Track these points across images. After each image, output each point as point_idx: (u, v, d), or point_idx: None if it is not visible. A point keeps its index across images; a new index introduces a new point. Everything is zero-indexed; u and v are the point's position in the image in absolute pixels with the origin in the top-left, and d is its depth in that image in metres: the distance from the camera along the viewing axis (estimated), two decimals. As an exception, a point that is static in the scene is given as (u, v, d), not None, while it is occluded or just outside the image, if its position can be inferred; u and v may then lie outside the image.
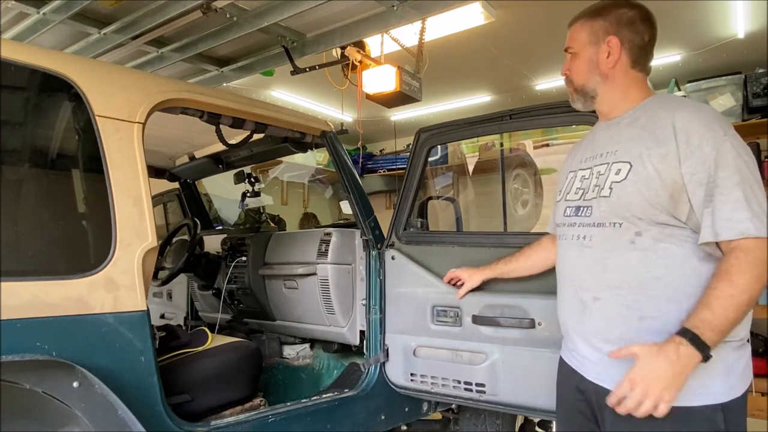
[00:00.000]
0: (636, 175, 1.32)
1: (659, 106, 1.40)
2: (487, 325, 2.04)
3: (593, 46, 1.48)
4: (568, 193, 1.53)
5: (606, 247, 1.38)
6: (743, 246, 1.21)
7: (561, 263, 1.56)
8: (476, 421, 2.56)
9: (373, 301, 2.34)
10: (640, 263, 1.32)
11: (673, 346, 1.20)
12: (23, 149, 1.60)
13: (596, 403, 1.42)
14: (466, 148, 5.51)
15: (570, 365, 1.53)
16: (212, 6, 2.67)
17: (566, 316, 1.53)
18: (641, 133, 1.37)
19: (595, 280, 1.40)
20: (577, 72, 1.52)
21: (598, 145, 1.50)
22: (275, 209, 4.64)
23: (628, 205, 1.33)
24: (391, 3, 2.69)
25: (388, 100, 3.38)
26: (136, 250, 1.62)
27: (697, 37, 3.92)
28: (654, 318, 1.31)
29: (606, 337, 1.38)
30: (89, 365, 1.45)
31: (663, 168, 1.29)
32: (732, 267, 1.21)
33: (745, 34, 3.82)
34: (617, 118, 1.48)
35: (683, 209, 1.29)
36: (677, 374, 1.19)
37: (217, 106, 2.05)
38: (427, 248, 2.27)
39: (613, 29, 1.46)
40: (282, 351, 2.88)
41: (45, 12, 2.65)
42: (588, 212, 1.43)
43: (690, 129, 1.28)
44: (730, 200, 1.22)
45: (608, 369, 1.36)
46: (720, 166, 1.24)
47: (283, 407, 2.04)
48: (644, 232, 1.32)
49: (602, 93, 1.49)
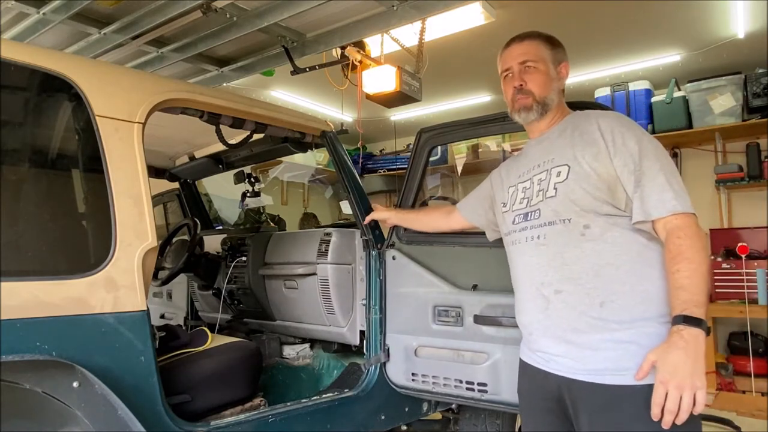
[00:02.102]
0: (575, 174, 1.48)
1: (581, 119, 1.59)
2: (489, 325, 2.05)
3: (552, 64, 1.65)
4: (514, 204, 1.66)
5: (560, 242, 1.49)
6: (677, 223, 1.36)
7: (518, 266, 1.63)
8: (476, 421, 2.56)
9: (373, 301, 2.34)
10: (593, 252, 1.44)
11: (676, 336, 1.28)
12: (23, 149, 1.60)
13: (568, 397, 1.46)
14: (455, 149, 5.56)
15: (533, 365, 1.57)
16: (212, 6, 2.67)
17: (529, 317, 1.58)
18: (571, 140, 1.54)
19: (555, 274, 1.49)
20: (537, 84, 1.63)
21: (531, 158, 1.66)
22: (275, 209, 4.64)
23: (574, 201, 1.47)
24: (391, 3, 2.69)
25: (388, 100, 3.38)
26: (136, 250, 1.62)
27: (697, 37, 3.92)
28: (612, 301, 1.41)
29: (573, 326, 1.45)
30: (89, 365, 1.45)
31: (597, 165, 1.46)
32: (681, 247, 1.34)
33: (745, 34, 3.83)
34: (547, 133, 1.66)
35: (621, 197, 1.44)
36: (695, 357, 1.26)
37: (217, 106, 2.05)
38: (428, 248, 2.27)
39: (563, 57, 1.68)
40: (282, 351, 2.88)
41: (45, 12, 2.65)
42: (536, 215, 1.55)
43: (614, 130, 1.48)
44: (656, 184, 1.40)
45: (575, 359, 1.44)
46: (643, 157, 1.43)
47: (283, 407, 2.04)
48: (592, 224, 1.45)
49: (553, 108, 1.65)
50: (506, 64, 1.68)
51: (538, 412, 1.58)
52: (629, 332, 1.38)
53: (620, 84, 4.66)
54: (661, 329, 1.36)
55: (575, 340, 1.44)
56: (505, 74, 1.69)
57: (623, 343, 1.38)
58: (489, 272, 2.10)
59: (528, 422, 1.64)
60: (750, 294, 4.02)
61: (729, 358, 4.28)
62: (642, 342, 1.36)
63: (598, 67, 4.51)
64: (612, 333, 1.40)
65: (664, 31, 3.85)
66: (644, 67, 4.45)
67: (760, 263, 4.04)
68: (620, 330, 1.39)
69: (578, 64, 4.45)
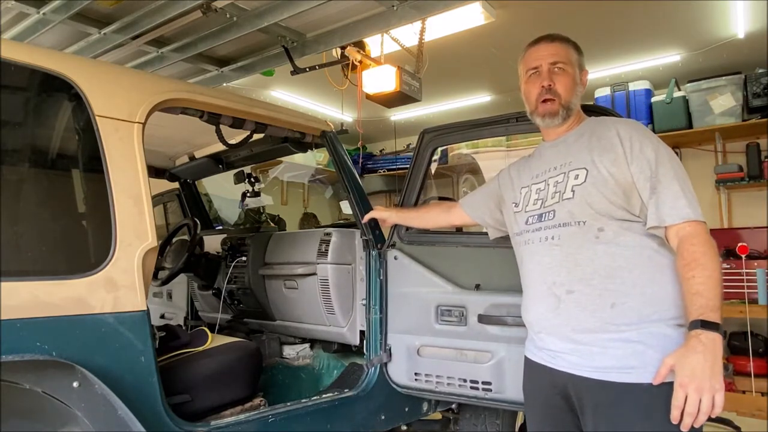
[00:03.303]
0: (593, 178, 1.50)
1: (598, 125, 1.60)
2: (493, 324, 2.05)
3: (578, 68, 1.65)
4: (527, 205, 1.66)
5: (574, 243, 1.50)
6: (690, 231, 1.39)
7: (530, 264, 1.63)
8: (476, 421, 2.56)
9: (373, 301, 2.34)
10: (606, 255, 1.46)
11: (694, 340, 1.29)
12: (23, 149, 1.59)
13: (573, 393, 1.49)
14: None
15: (539, 363, 1.59)
16: (212, 6, 2.67)
17: (537, 315, 1.60)
18: (589, 144, 1.55)
19: (568, 274, 1.50)
20: (565, 87, 1.62)
21: (547, 161, 1.66)
22: (275, 209, 4.64)
23: (591, 204, 1.48)
24: (391, 3, 2.69)
25: (388, 100, 3.38)
26: (136, 250, 1.62)
27: (697, 37, 3.92)
28: (623, 303, 1.43)
29: (584, 326, 1.47)
30: (89, 365, 1.45)
31: (615, 170, 1.47)
32: (695, 254, 1.36)
33: (745, 34, 3.82)
34: (563, 137, 1.66)
35: (636, 203, 1.46)
36: (713, 361, 1.27)
37: (217, 106, 2.05)
38: (429, 248, 2.27)
39: (584, 64, 1.69)
40: (282, 351, 2.88)
41: (45, 12, 2.65)
42: (551, 216, 1.56)
43: (632, 137, 1.50)
44: (670, 191, 1.42)
45: (582, 357, 1.46)
46: (659, 165, 1.45)
47: (283, 407, 2.04)
48: (606, 227, 1.47)
49: (574, 113, 1.65)
50: (534, 63, 1.65)
51: (544, 408, 1.59)
52: (636, 332, 1.40)
53: (620, 84, 4.66)
54: (667, 331, 1.39)
55: (582, 339, 1.46)
56: (531, 72, 1.66)
57: (630, 343, 1.40)
58: (491, 272, 2.11)
59: (533, 419, 1.65)
60: (750, 294, 4.02)
61: (729, 358, 4.27)
62: (648, 342, 1.39)
63: (598, 67, 4.51)
64: (620, 333, 1.41)
65: (664, 31, 3.85)
66: (644, 67, 4.45)
67: (760, 263, 4.04)
68: (628, 330, 1.41)
69: (578, 64, 4.45)
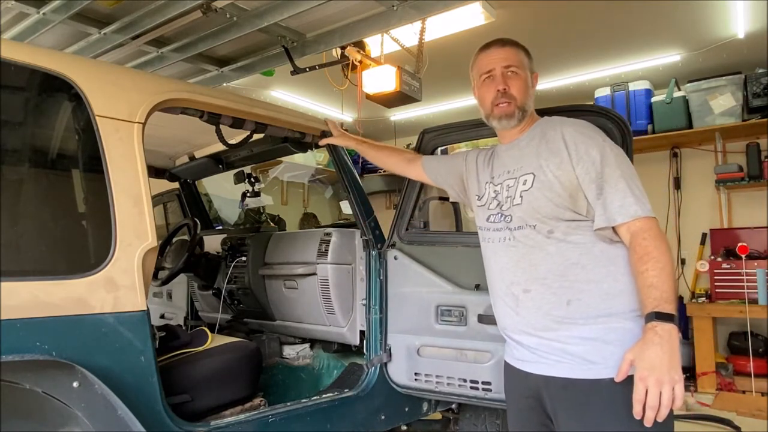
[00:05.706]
0: (540, 182, 1.54)
1: (547, 127, 1.63)
2: (493, 324, 2.04)
3: (529, 72, 1.69)
4: (488, 203, 1.71)
5: (528, 244, 1.56)
6: (641, 227, 1.42)
7: (490, 263, 1.70)
8: (476, 421, 2.56)
9: (373, 301, 2.34)
10: (558, 253, 1.51)
11: (651, 332, 1.31)
12: (23, 149, 1.59)
13: (546, 395, 1.52)
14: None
15: (514, 366, 1.63)
16: (212, 6, 2.67)
17: (500, 314, 1.67)
18: (538, 149, 1.60)
19: (524, 274, 1.56)
20: (519, 90, 1.65)
21: (502, 163, 1.72)
22: (275, 209, 4.64)
23: (537, 209, 1.53)
24: (391, 3, 2.69)
25: (388, 100, 3.38)
26: (136, 250, 1.62)
27: (697, 37, 3.92)
28: (579, 300, 1.47)
29: (542, 324, 1.51)
30: (89, 365, 1.45)
31: (560, 173, 1.52)
32: (647, 248, 1.39)
33: (745, 34, 3.83)
34: (516, 140, 1.70)
35: (582, 204, 1.50)
36: (671, 352, 1.29)
37: (217, 106, 2.05)
38: (429, 248, 2.27)
39: (533, 67, 1.71)
40: (282, 351, 2.88)
41: (45, 12, 2.65)
42: (508, 219, 1.62)
43: (576, 139, 1.53)
44: (618, 191, 1.45)
45: (546, 355, 1.51)
46: (605, 165, 1.48)
47: (283, 407, 2.04)
48: (555, 229, 1.52)
49: (528, 115, 1.68)
50: (488, 66, 1.68)
51: (521, 410, 1.63)
52: (594, 328, 1.45)
53: (620, 84, 4.67)
54: (627, 324, 1.43)
55: (544, 336, 1.51)
56: (485, 77, 1.69)
57: (589, 340, 1.45)
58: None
59: (512, 421, 1.69)
60: (750, 294, 4.03)
61: (729, 358, 4.28)
62: (607, 337, 1.43)
63: (598, 67, 4.51)
64: (579, 329, 1.46)
65: (664, 31, 3.85)
66: (644, 67, 4.45)
67: (760, 263, 4.04)
68: (586, 326, 1.45)
69: (578, 64, 4.45)
